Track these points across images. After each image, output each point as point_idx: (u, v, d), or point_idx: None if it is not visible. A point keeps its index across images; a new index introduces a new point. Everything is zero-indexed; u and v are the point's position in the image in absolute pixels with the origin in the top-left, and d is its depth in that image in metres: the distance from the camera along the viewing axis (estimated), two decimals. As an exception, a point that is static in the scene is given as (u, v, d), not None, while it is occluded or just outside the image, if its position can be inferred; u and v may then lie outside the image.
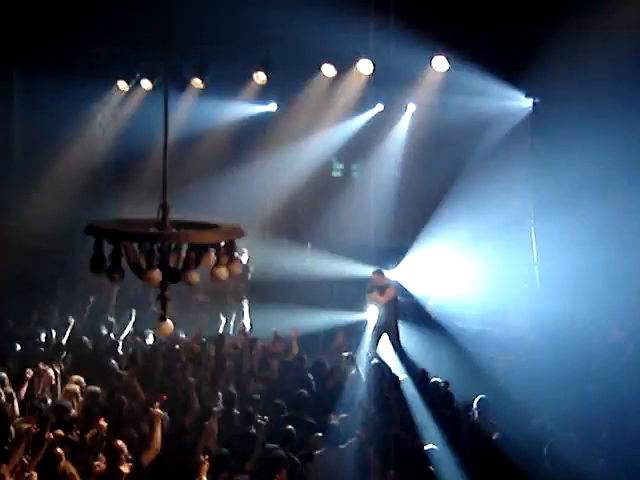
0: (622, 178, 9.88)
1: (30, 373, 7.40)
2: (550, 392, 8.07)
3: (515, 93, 10.95)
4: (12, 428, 6.25)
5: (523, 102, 11.38)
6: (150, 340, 9.68)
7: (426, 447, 6.40)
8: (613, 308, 9.81)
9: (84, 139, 13.64)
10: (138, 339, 9.65)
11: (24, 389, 7.28)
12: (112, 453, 5.67)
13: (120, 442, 5.75)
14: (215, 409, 6.99)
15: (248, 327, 11.42)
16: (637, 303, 9.42)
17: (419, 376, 8.44)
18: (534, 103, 11.33)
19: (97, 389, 7.42)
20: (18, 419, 6.56)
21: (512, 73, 10.01)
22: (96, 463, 5.56)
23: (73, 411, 6.82)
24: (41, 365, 7.64)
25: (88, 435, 6.31)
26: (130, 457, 5.71)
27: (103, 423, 6.20)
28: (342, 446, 6.39)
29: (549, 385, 8.25)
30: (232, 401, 7.23)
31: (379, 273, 10.94)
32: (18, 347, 8.95)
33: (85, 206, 12.39)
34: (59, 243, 13.04)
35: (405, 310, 12.55)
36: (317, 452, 6.31)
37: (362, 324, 11.20)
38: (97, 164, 13.55)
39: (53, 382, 7.53)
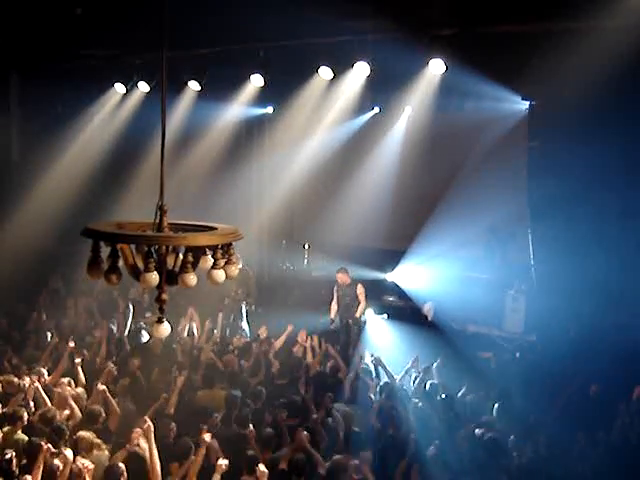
0: (619, 179, 9.90)
1: (25, 380, 7.28)
2: (547, 392, 8.10)
3: (511, 95, 10.97)
4: None
5: (519, 104, 11.42)
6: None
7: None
8: (611, 308, 9.84)
9: (81, 141, 13.64)
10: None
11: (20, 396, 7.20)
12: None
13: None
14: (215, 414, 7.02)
15: (247, 330, 11.43)
16: (633, 303, 9.45)
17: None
18: (530, 105, 11.36)
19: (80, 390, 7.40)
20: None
21: (509, 75, 10.01)
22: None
23: (66, 412, 6.80)
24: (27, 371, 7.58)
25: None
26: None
27: None
28: None
29: (546, 385, 8.28)
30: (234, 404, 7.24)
31: (344, 271, 11.10)
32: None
33: (83, 208, 12.39)
34: (56, 245, 13.04)
35: (402, 312, 12.63)
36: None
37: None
38: (94, 166, 13.55)
39: (42, 386, 7.39)
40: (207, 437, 6.02)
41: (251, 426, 6.65)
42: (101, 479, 5.61)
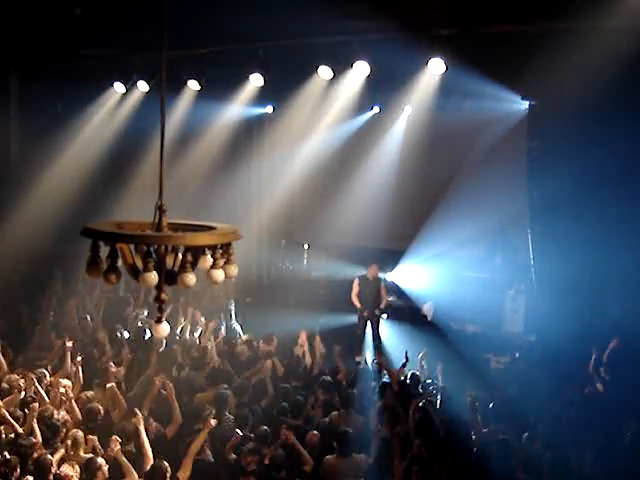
0: (618, 179, 9.90)
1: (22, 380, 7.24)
2: (547, 392, 8.10)
3: (511, 95, 10.97)
4: None
5: (519, 104, 11.41)
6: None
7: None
8: (611, 308, 9.84)
9: (81, 141, 13.64)
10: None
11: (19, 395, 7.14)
12: None
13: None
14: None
15: (239, 329, 11.40)
16: (633, 304, 9.44)
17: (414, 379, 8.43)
18: (530, 105, 11.35)
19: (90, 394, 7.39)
20: None
21: (508, 75, 10.01)
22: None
23: (63, 414, 6.77)
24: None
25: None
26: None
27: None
28: None
29: (545, 386, 8.28)
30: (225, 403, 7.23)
31: (377, 266, 11.16)
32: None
33: (82, 208, 12.39)
34: (55, 245, 13.03)
35: (402, 312, 12.63)
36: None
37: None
38: (94, 166, 13.55)
39: (43, 387, 7.36)
40: (213, 422, 6.12)
41: (238, 430, 6.64)
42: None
